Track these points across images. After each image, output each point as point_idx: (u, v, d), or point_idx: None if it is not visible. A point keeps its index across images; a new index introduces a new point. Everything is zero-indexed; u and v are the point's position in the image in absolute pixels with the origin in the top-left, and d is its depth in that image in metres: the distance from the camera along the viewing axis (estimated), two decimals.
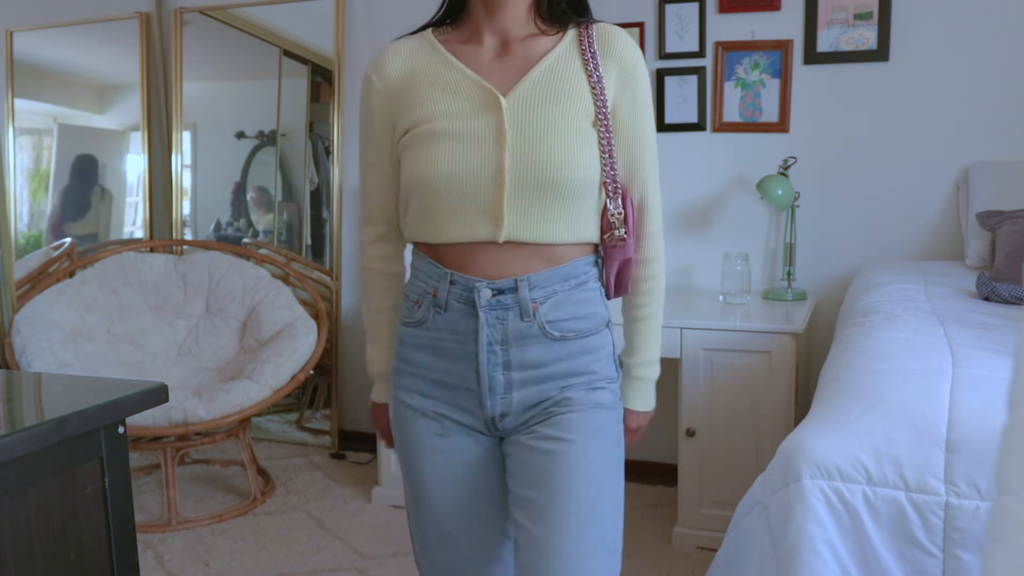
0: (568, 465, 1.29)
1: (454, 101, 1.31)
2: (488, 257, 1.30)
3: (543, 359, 1.31)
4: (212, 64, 3.85)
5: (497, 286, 1.29)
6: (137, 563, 1.38)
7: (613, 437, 1.35)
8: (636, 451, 3.26)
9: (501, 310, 1.29)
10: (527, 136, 1.28)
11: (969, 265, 2.71)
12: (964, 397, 1.44)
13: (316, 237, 3.69)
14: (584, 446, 1.30)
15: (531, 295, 1.29)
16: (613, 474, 1.34)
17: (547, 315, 1.30)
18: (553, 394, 1.32)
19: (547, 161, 1.27)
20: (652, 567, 2.58)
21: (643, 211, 1.38)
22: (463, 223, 1.29)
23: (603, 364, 1.36)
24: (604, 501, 1.30)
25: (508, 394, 1.32)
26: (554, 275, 1.31)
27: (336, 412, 3.65)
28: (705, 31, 3.09)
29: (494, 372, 1.31)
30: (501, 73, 1.33)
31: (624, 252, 1.35)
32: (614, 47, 1.33)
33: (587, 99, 1.31)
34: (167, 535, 2.86)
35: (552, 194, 1.28)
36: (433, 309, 1.33)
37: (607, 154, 1.32)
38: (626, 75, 1.33)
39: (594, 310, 1.35)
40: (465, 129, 1.29)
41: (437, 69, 1.34)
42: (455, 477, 1.38)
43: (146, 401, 1.34)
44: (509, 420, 1.34)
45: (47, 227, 3.62)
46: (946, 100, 2.88)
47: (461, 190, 1.28)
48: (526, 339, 1.30)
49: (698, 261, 3.14)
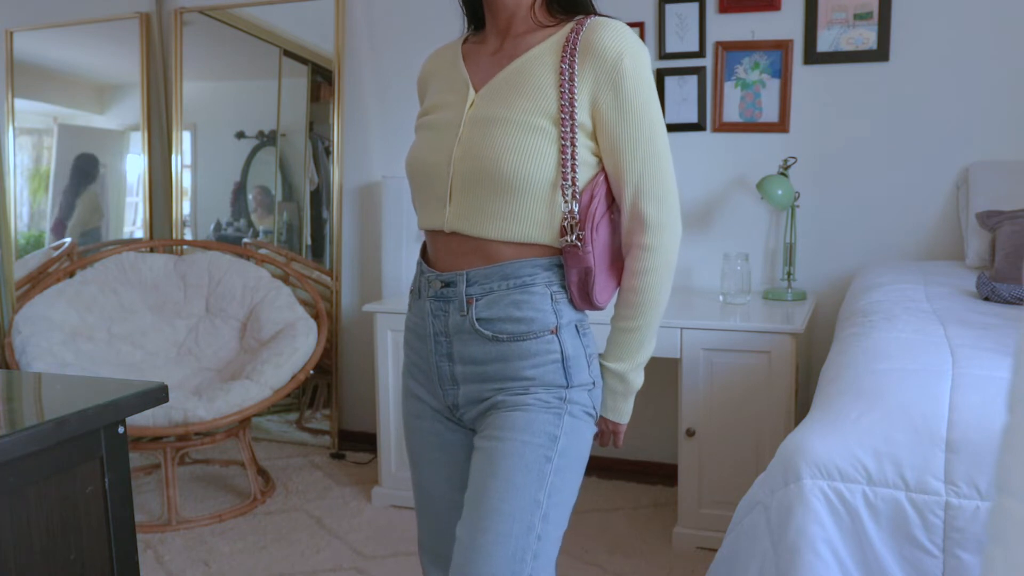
0: (485, 463, 1.29)
1: (446, 96, 1.39)
2: (442, 248, 1.36)
3: (479, 357, 1.33)
4: (212, 64, 3.85)
5: (443, 278, 1.34)
6: (137, 563, 1.38)
7: (543, 435, 1.29)
8: (636, 451, 3.26)
9: (443, 302, 1.34)
10: (476, 129, 1.31)
11: (969, 265, 2.71)
12: (964, 397, 1.44)
13: (316, 237, 3.69)
14: (503, 443, 1.28)
15: (468, 291, 1.32)
16: (532, 472, 1.27)
17: (480, 312, 1.31)
18: (490, 395, 1.33)
19: (485, 154, 1.28)
20: (652, 567, 2.58)
21: (636, 220, 1.31)
22: (426, 209, 1.37)
23: (545, 371, 1.30)
24: (511, 499, 1.25)
25: (455, 387, 1.36)
26: (492, 273, 1.30)
27: (336, 412, 3.65)
28: (705, 31, 3.09)
29: (440, 362, 1.36)
30: (488, 69, 1.37)
31: (580, 260, 1.30)
32: (594, 43, 1.28)
33: (550, 96, 1.28)
34: (167, 535, 2.85)
35: (491, 189, 1.28)
36: (414, 295, 1.42)
37: (567, 155, 1.28)
38: (605, 71, 1.27)
39: (534, 315, 1.30)
40: (439, 120, 1.36)
41: (447, 68, 1.42)
42: (432, 458, 1.44)
43: (146, 401, 1.34)
44: (463, 412, 1.37)
45: (47, 227, 3.62)
46: (946, 100, 2.88)
47: (424, 177, 1.36)
48: (463, 334, 1.33)
49: (698, 261, 3.14)
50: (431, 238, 1.39)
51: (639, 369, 1.39)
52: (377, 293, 3.57)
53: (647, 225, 1.31)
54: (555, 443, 1.29)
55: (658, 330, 1.39)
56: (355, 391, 3.70)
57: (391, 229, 3.37)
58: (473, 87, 1.35)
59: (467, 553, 1.26)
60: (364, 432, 3.65)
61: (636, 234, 1.32)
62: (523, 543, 1.25)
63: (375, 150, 3.59)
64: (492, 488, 1.26)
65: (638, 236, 1.32)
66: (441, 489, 1.44)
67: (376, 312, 2.98)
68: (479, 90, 1.34)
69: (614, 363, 1.38)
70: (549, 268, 1.32)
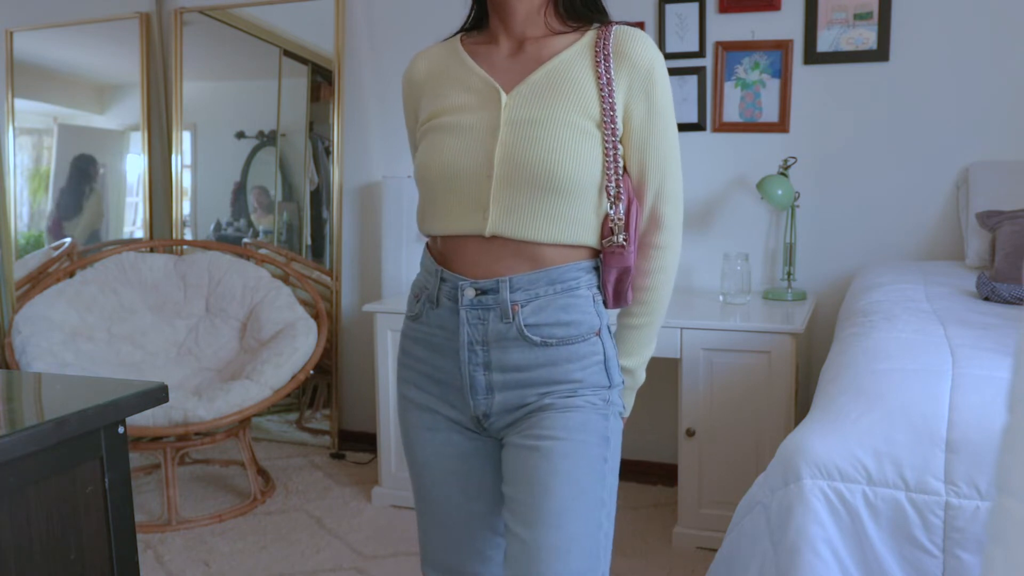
0: (545, 462, 1.28)
1: (463, 97, 1.35)
2: (476, 254, 1.31)
3: (523, 363, 1.31)
4: (212, 64, 3.85)
5: (480, 286, 1.30)
6: (137, 563, 1.38)
7: (597, 435, 1.31)
8: (636, 451, 3.26)
9: (482, 310, 1.31)
10: (520, 131, 1.29)
11: (969, 265, 2.71)
12: (964, 397, 1.44)
13: (316, 237, 3.69)
14: (562, 443, 1.28)
15: (512, 297, 1.29)
16: (594, 472, 1.30)
17: (527, 318, 1.30)
18: (533, 400, 1.31)
19: (535, 156, 1.27)
20: (652, 567, 2.58)
21: (654, 221, 1.35)
22: (455, 214, 1.32)
23: (590, 372, 1.32)
24: (580, 498, 1.27)
25: (490, 395, 1.33)
26: (539, 278, 1.30)
27: (336, 412, 3.65)
28: (705, 31, 3.09)
29: (475, 371, 1.32)
30: (511, 71, 1.35)
31: (622, 260, 1.32)
32: (628, 50, 1.31)
33: (592, 99, 1.30)
34: (167, 535, 2.86)
35: (540, 190, 1.27)
36: (428, 304, 1.36)
37: (611, 157, 1.30)
38: (639, 79, 1.30)
39: (581, 317, 1.31)
40: (466, 123, 1.32)
41: (454, 69, 1.39)
42: (445, 469, 1.41)
43: (146, 401, 1.34)
44: (494, 421, 1.34)
45: (47, 227, 3.62)
46: (946, 100, 2.88)
47: (454, 181, 1.31)
48: (505, 341, 1.30)
49: (698, 261, 3.14)
50: (458, 245, 1.33)
51: (645, 365, 1.43)
52: (377, 293, 3.57)
53: (663, 226, 1.35)
54: (607, 443, 1.32)
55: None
56: (355, 391, 3.70)
57: (391, 229, 3.37)
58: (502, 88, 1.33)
59: (539, 553, 1.24)
60: (364, 432, 3.65)
61: (652, 234, 1.35)
62: (595, 541, 1.28)
63: (375, 150, 3.59)
64: (557, 487, 1.26)
65: (654, 236, 1.36)
66: (456, 500, 1.41)
67: (376, 312, 2.98)
68: (510, 92, 1.32)
69: (624, 360, 1.40)
70: (590, 271, 1.34)
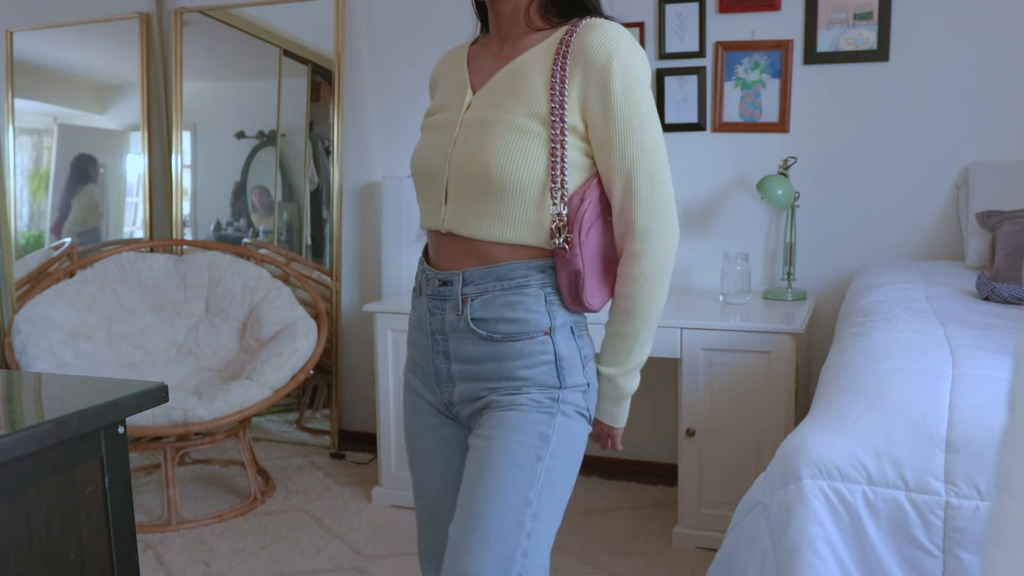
0: (474, 462, 1.30)
1: (448, 96, 1.41)
2: (441, 248, 1.38)
3: (475, 355, 1.34)
4: (212, 64, 3.85)
5: (441, 277, 1.36)
6: (137, 563, 1.38)
7: (535, 434, 1.29)
8: (636, 451, 3.26)
9: (440, 300, 1.36)
10: (469, 132, 1.32)
11: (969, 265, 2.71)
12: (964, 397, 1.44)
13: (316, 237, 3.69)
14: (492, 442, 1.29)
15: (464, 290, 1.33)
16: (523, 471, 1.27)
17: (475, 312, 1.32)
18: (484, 395, 1.34)
19: (475, 158, 1.30)
20: (652, 567, 2.58)
21: (626, 225, 1.30)
22: (425, 209, 1.40)
23: (538, 372, 1.31)
24: (502, 498, 1.25)
25: (451, 384, 1.37)
26: (488, 274, 1.32)
27: (336, 412, 3.65)
28: (705, 31, 3.09)
29: (437, 360, 1.38)
30: (487, 71, 1.38)
31: (569, 263, 1.29)
32: (585, 45, 1.27)
33: (541, 98, 1.28)
34: (167, 535, 2.85)
35: (483, 190, 1.29)
36: (415, 292, 1.44)
37: (557, 157, 1.27)
38: (594, 74, 1.26)
39: (527, 316, 1.30)
40: (439, 121, 1.39)
41: (453, 69, 1.44)
42: (429, 452, 1.45)
43: (146, 401, 1.34)
44: (459, 409, 1.39)
45: (47, 227, 3.61)
46: (946, 100, 2.88)
47: (424, 179, 1.38)
48: (458, 332, 1.35)
49: (698, 261, 3.14)
50: (431, 237, 1.41)
51: (630, 374, 1.38)
52: (377, 293, 3.57)
53: (636, 231, 1.29)
54: (547, 442, 1.29)
55: (653, 336, 1.37)
56: (355, 391, 3.70)
57: (391, 229, 3.37)
58: (471, 89, 1.37)
59: (456, 551, 1.26)
60: (364, 432, 3.65)
61: (626, 239, 1.31)
62: (512, 541, 1.25)
63: (375, 150, 3.59)
64: (481, 487, 1.27)
65: (628, 242, 1.31)
66: (436, 486, 1.45)
67: (376, 312, 2.98)
68: (476, 92, 1.36)
69: (604, 367, 1.38)
70: (543, 270, 1.32)
